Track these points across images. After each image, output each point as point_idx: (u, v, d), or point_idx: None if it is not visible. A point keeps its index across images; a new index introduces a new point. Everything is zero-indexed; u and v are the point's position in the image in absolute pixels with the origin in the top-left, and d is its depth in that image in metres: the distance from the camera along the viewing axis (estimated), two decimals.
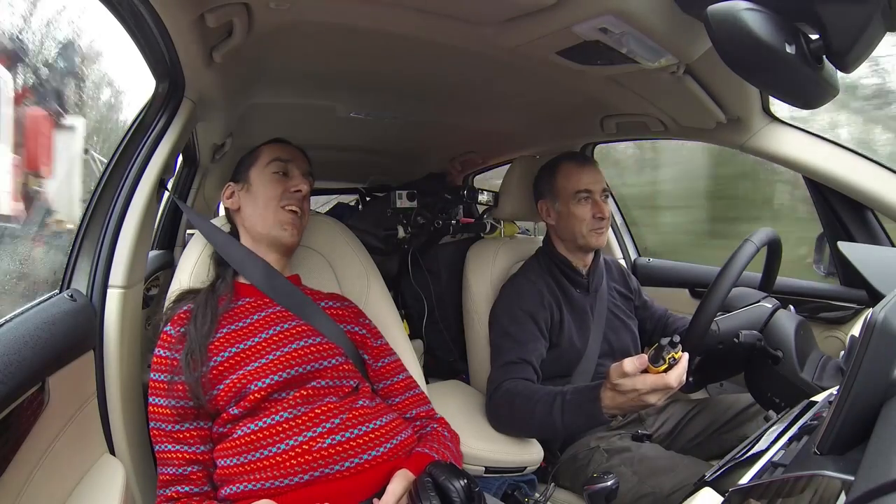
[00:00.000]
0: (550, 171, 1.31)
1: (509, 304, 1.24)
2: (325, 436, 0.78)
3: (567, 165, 1.28)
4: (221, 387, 0.80)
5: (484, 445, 1.10)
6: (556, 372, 1.20)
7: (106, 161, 0.99)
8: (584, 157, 1.33)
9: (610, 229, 1.81)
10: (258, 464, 0.76)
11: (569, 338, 1.22)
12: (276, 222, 0.93)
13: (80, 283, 0.90)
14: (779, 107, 1.21)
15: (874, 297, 0.79)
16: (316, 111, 1.42)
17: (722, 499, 0.53)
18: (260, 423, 0.78)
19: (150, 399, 0.81)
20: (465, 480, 0.71)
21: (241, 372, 0.81)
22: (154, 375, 0.82)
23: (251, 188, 0.96)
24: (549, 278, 1.28)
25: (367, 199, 2.39)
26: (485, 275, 1.43)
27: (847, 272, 1.30)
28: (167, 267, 1.58)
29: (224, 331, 0.85)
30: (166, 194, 1.18)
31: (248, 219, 0.96)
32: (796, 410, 0.66)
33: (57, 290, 0.88)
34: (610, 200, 1.48)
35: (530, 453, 1.12)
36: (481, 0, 0.77)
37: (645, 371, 0.88)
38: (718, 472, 0.58)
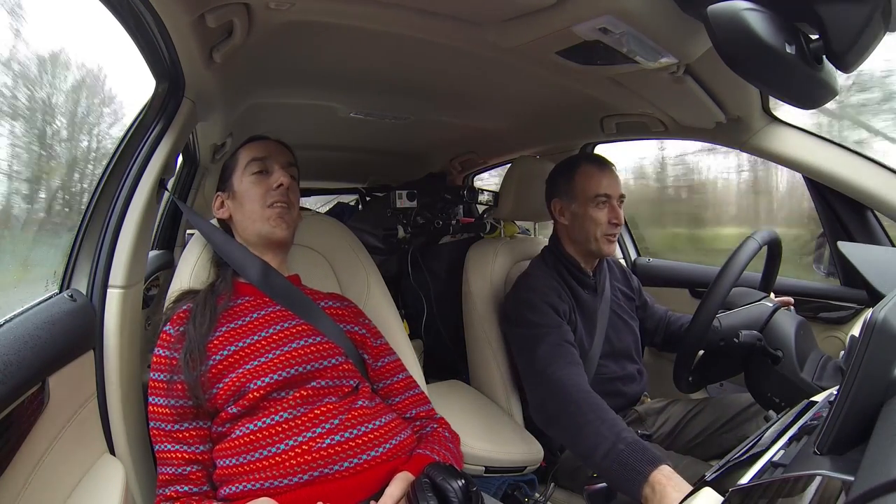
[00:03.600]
0: (569, 171, 1.27)
1: (528, 298, 1.21)
2: (325, 436, 0.78)
3: (587, 167, 1.25)
4: (221, 385, 0.80)
5: (484, 445, 1.10)
6: None
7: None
8: (604, 161, 1.29)
9: None
10: (257, 464, 0.76)
11: (579, 338, 1.21)
12: (264, 221, 0.93)
13: (80, 283, 0.90)
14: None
15: (874, 297, 0.79)
16: (316, 111, 1.42)
17: (722, 499, 0.53)
18: (259, 423, 0.78)
19: (150, 399, 0.81)
20: (463, 481, 0.71)
21: (240, 370, 0.81)
22: (154, 375, 0.82)
23: (236, 195, 0.96)
24: (558, 278, 1.26)
25: (367, 199, 2.39)
26: (485, 275, 1.43)
27: (847, 272, 1.30)
28: (167, 267, 1.58)
29: (223, 329, 0.85)
30: (166, 194, 1.18)
31: (239, 224, 0.96)
32: (796, 410, 0.66)
33: (57, 290, 0.88)
34: None
35: (530, 453, 1.12)
36: (481, 0, 0.77)
37: None
38: (718, 472, 0.58)
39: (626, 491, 0.86)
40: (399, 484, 0.76)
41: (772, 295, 1.16)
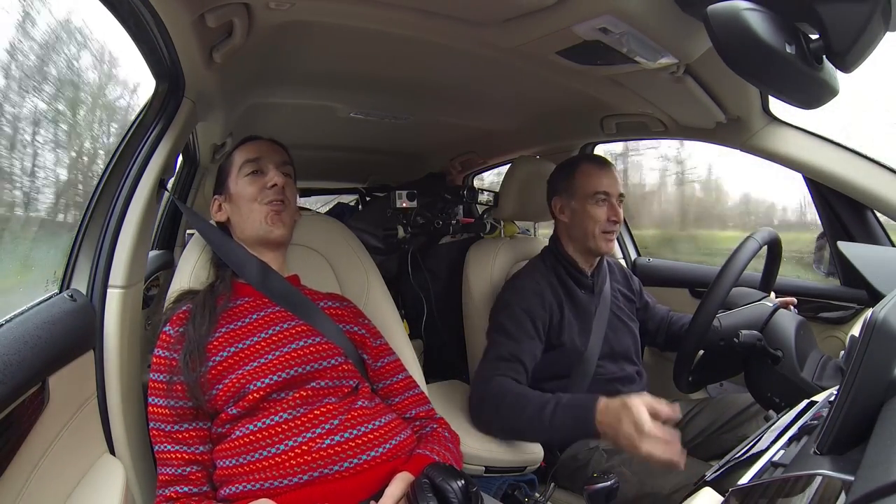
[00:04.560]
0: (569, 170, 1.30)
1: (509, 300, 1.24)
2: (325, 436, 0.78)
3: (587, 166, 1.28)
4: (220, 386, 0.80)
5: (484, 445, 1.10)
6: (556, 372, 1.20)
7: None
8: (604, 160, 1.32)
9: None
10: (257, 464, 0.76)
11: (570, 338, 1.22)
12: (260, 221, 0.93)
13: (80, 283, 0.90)
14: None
15: (874, 297, 0.79)
16: (316, 111, 1.42)
17: (722, 499, 0.53)
18: (259, 424, 0.78)
19: (150, 399, 0.81)
20: (463, 481, 0.71)
21: (240, 371, 0.81)
22: (153, 376, 0.82)
23: (232, 197, 0.96)
24: (553, 278, 1.27)
25: (367, 199, 2.39)
26: (485, 275, 1.43)
27: (847, 272, 1.30)
28: (167, 267, 1.58)
29: (223, 330, 0.85)
30: (166, 194, 1.18)
31: (237, 226, 0.96)
32: (796, 410, 0.66)
33: (57, 290, 0.88)
34: None
35: (530, 453, 1.12)
36: (481, 0, 0.77)
37: None
38: (718, 472, 0.58)
39: (584, 430, 0.94)
40: (399, 484, 0.76)
41: (772, 295, 1.16)
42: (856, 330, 1.07)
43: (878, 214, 1.21)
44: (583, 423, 0.93)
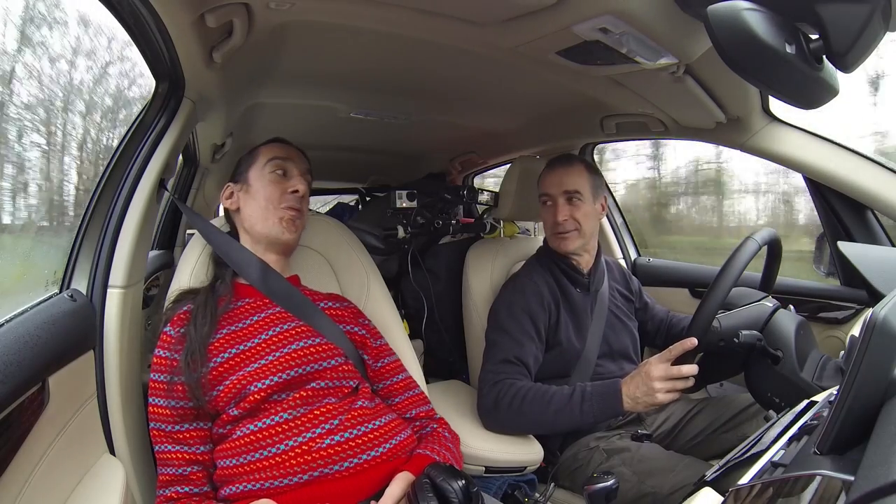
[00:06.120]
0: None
1: (509, 301, 1.24)
2: (325, 436, 0.78)
3: (545, 169, 1.31)
4: (221, 388, 0.80)
5: (484, 445, 1.10)
6: (555, 372, 1.20)
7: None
8: (556, 160, 1.30)
9: (610, 229, 1.81)
10: (258, 464, 0.76)
11: (566, 338, 1.22)
12: (274, 222, 0.93)
13: (80, 283, 0.89)
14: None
15: (874, 297, 0.79)
16: (316, 111, 1.42)
17: (722, 499, 0.53)
18: (259, 424, 0.78)
19: (150, 399, 0.81)
20: (463, 481, 0.71)
21: (241, 373, 0.81)
22: (154, 376, 0.82)
23: (250, 189, 0.96)
24: (549, 277, 1.28)
25: (367, 199, 2.39)
26: (485, 275, 1.43)
27: (847, 272, 1.30)
28: (167, 267, 1.58)
29: (224, 331, 0.85)
30: (166, 194, 1.18)
31: (247, 219, 0.96)
32: (796, 410, 0.66)
33: (57, 290, 0.88)
34: (609, 200, 1.48)
35: (530, 453, 1.12)
36: (481, 0, 0.77)
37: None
38: (718, 472, 0.59)
39: (613, 409, 1.03)
40: (399, 484, 0.76)
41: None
42: (856, 330, 1.07)
43: (878, 214, 1.21)
44: (613, 406, 1.03)
